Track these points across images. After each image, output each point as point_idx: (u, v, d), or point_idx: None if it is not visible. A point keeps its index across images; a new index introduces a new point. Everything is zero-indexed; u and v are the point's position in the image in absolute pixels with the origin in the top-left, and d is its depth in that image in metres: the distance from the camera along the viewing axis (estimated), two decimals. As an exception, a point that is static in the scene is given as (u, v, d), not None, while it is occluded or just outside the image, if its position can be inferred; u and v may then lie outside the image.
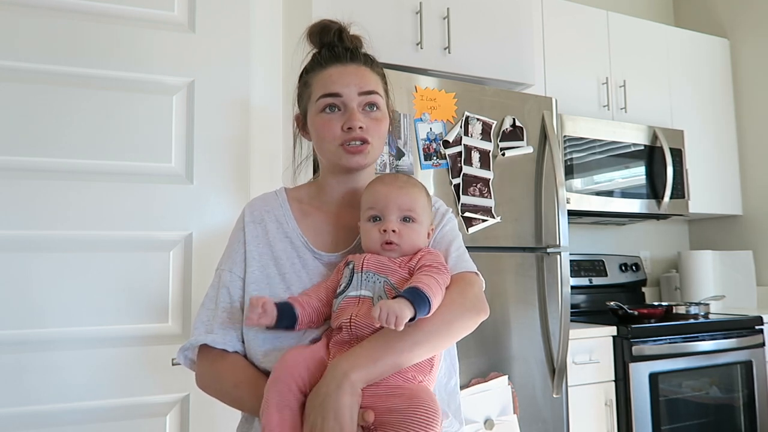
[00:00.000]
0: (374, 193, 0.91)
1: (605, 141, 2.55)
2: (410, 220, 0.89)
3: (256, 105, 1.68)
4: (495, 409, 1.72)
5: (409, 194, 0.90)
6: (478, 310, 0.88)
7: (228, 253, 0.98)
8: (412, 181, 0.94)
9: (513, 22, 2.12)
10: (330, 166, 0.98)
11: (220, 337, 0.89)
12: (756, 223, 3.03)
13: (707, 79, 3.02)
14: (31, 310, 1.37)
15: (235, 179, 1.57)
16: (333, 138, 0.93)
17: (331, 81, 0.93)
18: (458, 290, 0.88)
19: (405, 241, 0.88)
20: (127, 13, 1.51)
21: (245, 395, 0.85)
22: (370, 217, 0.90)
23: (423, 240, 0.91)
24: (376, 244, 0.88)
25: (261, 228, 0.97)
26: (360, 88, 0.93)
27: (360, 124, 0.91)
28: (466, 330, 0.87)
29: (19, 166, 1.39)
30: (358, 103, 0.93)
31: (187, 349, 0.93)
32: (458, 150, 1.83)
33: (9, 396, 1.33)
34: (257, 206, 1.00)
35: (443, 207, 1.03)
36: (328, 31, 0.98)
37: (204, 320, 0.93)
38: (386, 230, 0.87)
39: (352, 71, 0.95)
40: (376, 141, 0.95)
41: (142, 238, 1.47)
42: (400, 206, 0.88)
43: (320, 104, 0.94)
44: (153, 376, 1.45)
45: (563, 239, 1.96)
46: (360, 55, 0.98)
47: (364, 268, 0.85)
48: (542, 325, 1.93)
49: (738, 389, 2.39)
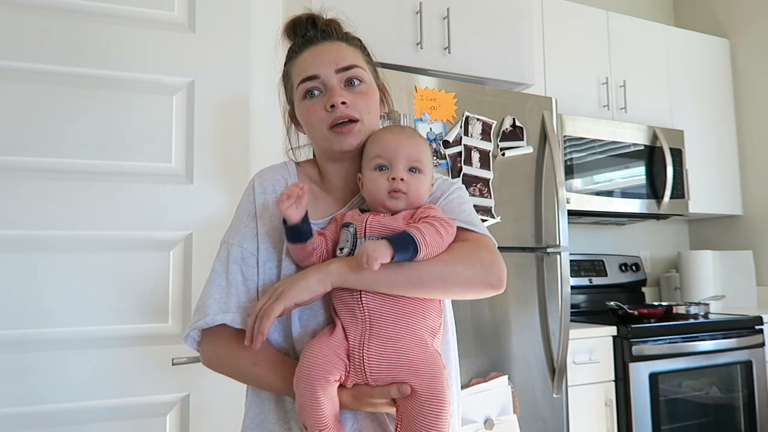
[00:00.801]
0: (382, 143, 0.88)
1: (605, 141, 2.55)
2: (417, 171, 0.88)
3: (255, 105, 1.68)
4: (495, 409, 1.72)
5: (418, 145, 0.89)
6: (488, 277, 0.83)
7: (236, 226, 0.94)
8: (418, 133, 0.93)
9: (513, 22, 2.12)
10: (325, 152, 0.95)
11: (238, 316, 0.87)
12: (756, 223, 3.03)
13: (707, 79, 3.02)
14: (31, 310, 1.37)
15: (235, 179, 1.57)
16: (320, 122, 0.89)
17: (306, 64, 0.91)
18: (469, 247, 0.85)
19: (412, 190, 0.86)
20: (127, 13, 1.51)
21: (266, 373, 0.86)
22: (376, 166, 0.87)
23: (427, 191, 0.90)
24: (383, 192, 0.86)
25: (272, 198, 0.94)
26: (337, 65, 0.90)
27: (342, 100, 0.88)
28: (467, 288, 0.83)
29: (19, 166, 1.39)
30: (338, 80, 0.90)
31: (201, 328, 0.89)
32: (458, 150, 1.83)
33: (9, 396, 1.33)
34: (267, 177, 0.97)
35: (451, 179, 1.02)
36: (300, 21, 0.96)
37: (216, 297, 0.88)
38: (395, 178, 0.85)
39: (326, 49, 0.91)
40: (366, 116, 0.91)
41: (142, 238, 1.47)
42: (408, 156, 0.87)
43: (301, 90, 0.91)
44: (153, 376, 1.45)
45: (563, 239, 1.96)
46: (333, 32, 0.94)
47: (368, 233, 0.84)
48: (542, 325, 1.93)
49: (738, 389, 2.39)
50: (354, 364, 0.79)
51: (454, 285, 0.82)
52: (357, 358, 0.79)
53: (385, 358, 0.78)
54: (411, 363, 0.78)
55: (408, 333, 0.80)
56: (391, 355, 0.78)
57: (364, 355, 0.79)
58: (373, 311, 0.80)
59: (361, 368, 0.79)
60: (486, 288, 0.84)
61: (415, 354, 0.78)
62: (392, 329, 0.80)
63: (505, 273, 0.85)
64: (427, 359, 0.78)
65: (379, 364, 0.78)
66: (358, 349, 0.79)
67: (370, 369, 0.78)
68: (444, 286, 0.82)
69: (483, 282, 0.83)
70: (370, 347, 0.79)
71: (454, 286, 0.82)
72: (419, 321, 0.82)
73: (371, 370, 0.78)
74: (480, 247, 0.87)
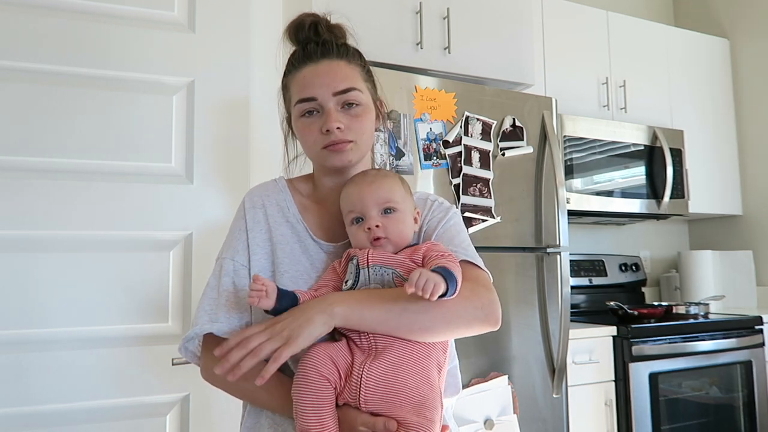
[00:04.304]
0: (348, 196, 0.89)
1: (605, 141, 2.55)
2: (391, 211, 0.87)
3: (256, 105, 1.68)
4: (495, 409, 1.72)
5: (383, 186, 0.88)
6: (488, 318, 0.85)
7: (229, 242, 0.96)
8: (382, 172, 0.92)
9: (513, 22, 2.12)
10: (320, 168, 0.98)
11: (226, 326, 0.87)
12: (756, 223, 3.03)
13: (707, 79, 3.02)
14: (31, 310, 1.37)
15: (235, 179, 1.57)
16: (314, 142, 0.91)
17: (304, 84, 0.91)
18: (470, 287, 0.85)
19: (391, 232, 0.86)
20: (127, 13, 1.51)
21: (257, 389, 0.84)
22: (352, 220, 0.89)
23: (410, 227, 0.89)
24: (365, 243, 0.87)
25: (261, 213, 0.96)
26: (334, 88, 0.90)
27: (337, 125, 0.88)
28: (467, 329, 0.84)
29: (19, 166, 1.39)
30: (335, 103, 0.90)
31: (191, 340, 0.90)
32: (458, 150, 1.83)
33: (9, 396, 1.33)
34: (257, 193, 0.99)
35: (446, 203, 1.01)
36: (303, 26, 0.94)
37: (207, 309, 0.90)
38: (370, 228, 0.86)
39: (324, 70, 0.91)
40: (360, 137, 0.92)
41: (142, 238, 1.47)
42: (377, 200, 0.87)
43: (298, 110, 0.92)
44: (153, 376, 1.45)
45: (563, 239, 1.96)
46: (334, 49, 0.93)
47: (371, 263, 0.84)
48: (542, 325, 1.93)
49: (738, 389, 2.39)
50: (351, 383, 0.77)
51: (456, 328, 0.83)
52: (356, 376, 0.77)
53: (383, 381, 0.76)
54: (409, 392, 0.76)
55: (412, 363, 0.79)
56: (390, 379, 0.76)
57: (363, 374, 0.77)
58: (380, 339, 0.80)
59: (357, 387, 0.77)
60: (484, 327, 0.86)
61: (414, 384, 0.76)
62: (398, 356, 0.78)
63: (500, 311, 0.87)
64: (425, 394, 0.76)
65: (375, 386, 0.76)
66: (359, 366, 0.78)
67: (366, 389, 0.76)
68: (446, 330, 0.83)
69: (482, 323, 0.85)
70: (372, 368, 0.77)
71: (456, 328, 0.83)
72: (426, 353, 0.81)
73: (366, 390, 0.76)
74: (479, 285, 0.88)
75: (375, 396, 0.76)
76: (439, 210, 0.98)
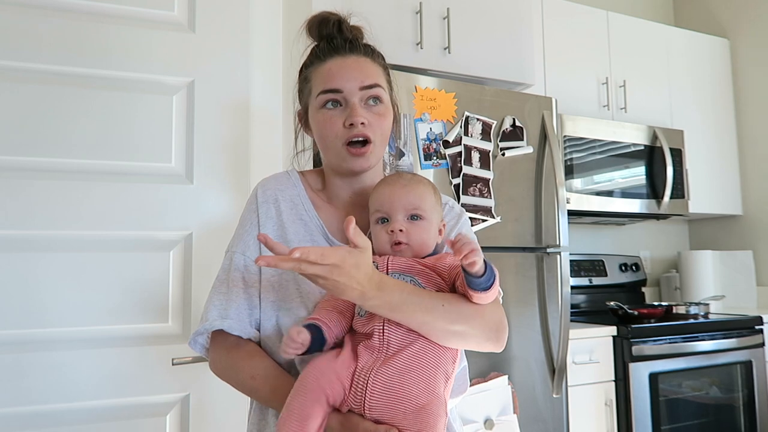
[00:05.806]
0: (379, 195, 0.88)
1: (605, 141, 2.55)
2: (418, 218, 0.86)
3: (256, 105, 1.68)
4: (495, 409, 1.72)
5: (414, 192, 0.87)
6: (498, 339, 0.87)
7: (239, 235, 0.94)
8: (416, 178, 0.91)
9: (513, 22, 2.12)
10: (334, 167, 0.95)
11: (236, 323, 0.87)
12: (756, 223, 3.03)
13: (707, 79, 3.02)
14: (31, 310, 1.37)
15: (235, 179, 1.57)
16: (335, 136, 0.90)
17: (330, 75, 0.90)
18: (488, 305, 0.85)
19: (414, 239, 0.85)
20: (127, 13, 1.51)
21: (262, 387, 0.84)
22: (377, 219, 0.87)
23: (433, 237, 0.88)
24: (386, 246, 0.85)
25: (274, 208, 0.94)
26: (361, 82, 0.90)
27: (362, 120, 0.88)
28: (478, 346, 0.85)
29: (18, 166, 1.39)
30: (360, 97, 0.90)
31: (201, 334, 0.90)
32: (458, 150, 1.83)
33: (9, 396, 1.33)
34: (270, 186, 0.97)
35: (458, 207, 1.01)
36: (327, 22, 0.95)
37: (217, 304, 0.90)
38: (393, 230, 0.84)
39: (352, 64, 0.91)
40: (379, 138, 0.91)
41: (142, 238, 1.47)
42: (405, 205, 0.86)
43: (320, 100, 0.91)
44: (153, 376, 1.45)
45: (563, 239, 1.96)
46: (360, 46, 0.94)
47: (390, 269, 0.83)
48: (542, 325, 1.93)
49: (738, 389, 2.39)
50: (356, 389, 0.76)
51: (465, 344, 0.84)
52: (361, 381, 0.76)
53: (389, 388, 0.75)
54: (414, 400, 0.75)
55: (421, 370, 0.78)
56: (396, 386, 0.75)
57: (369, 380, 0.75)
58: (392, 343, 0.79)
59: (363, 393, 0.75)
60: (491, 347, 0.87)
61: (419, 391, 0.75)
62: (406, 363, 0.77)
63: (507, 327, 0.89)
64: (430, 402, 0.75)
65: (381, 392, 0.75)
66: (366, 372, 0.76)
67: (371, 395, 0.75)
68: (461, 342, 0.83)
69: (493, 343, 0.87)
70: (378, 374, 0.76)
71: (465, 344, 0.84)
72: (435, 361, 0.80)
73: (372, 396, 0.75)
74: (496, 304, 0.88)
75: (380, 403, 0.75)
76: (451, 216, 0.98)
